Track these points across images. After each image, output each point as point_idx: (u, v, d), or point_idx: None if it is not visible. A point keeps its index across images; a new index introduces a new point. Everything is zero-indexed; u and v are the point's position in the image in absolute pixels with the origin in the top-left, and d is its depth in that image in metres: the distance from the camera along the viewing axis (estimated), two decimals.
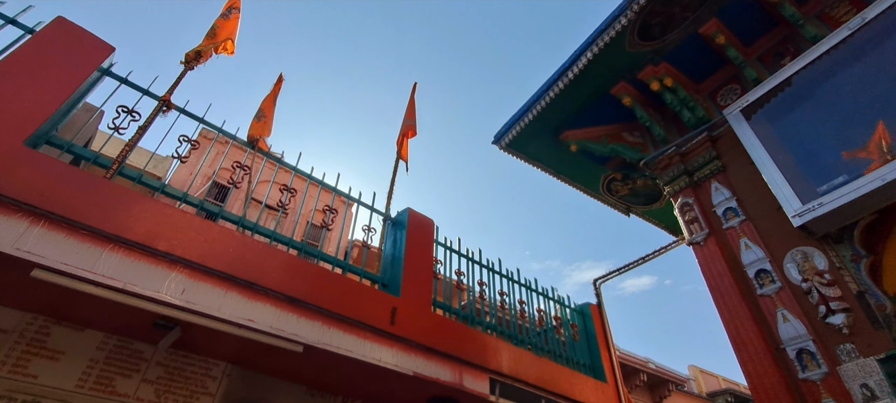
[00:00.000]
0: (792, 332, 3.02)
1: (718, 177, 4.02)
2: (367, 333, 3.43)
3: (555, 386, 4.12)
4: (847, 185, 3.05)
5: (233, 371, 3.75)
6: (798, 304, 3.08)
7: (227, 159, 9.69)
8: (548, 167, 5.58)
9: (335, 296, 3.44)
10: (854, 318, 2.85)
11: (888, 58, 3.45)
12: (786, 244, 3.30)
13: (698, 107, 4.44)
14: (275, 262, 3.35)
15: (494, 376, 3.83)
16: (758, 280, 3.34)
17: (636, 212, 5.90)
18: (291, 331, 3.18)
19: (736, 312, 3.33)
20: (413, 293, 3.83)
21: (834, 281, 2.98)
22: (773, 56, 4.31)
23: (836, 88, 3.66)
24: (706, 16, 4.32)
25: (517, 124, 5.25)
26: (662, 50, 4.58)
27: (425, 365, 3.51)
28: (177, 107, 3.92)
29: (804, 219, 3.13)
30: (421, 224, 4.41)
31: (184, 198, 3.63)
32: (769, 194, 3.47)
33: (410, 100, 5.92)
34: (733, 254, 3.59)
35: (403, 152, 5.53)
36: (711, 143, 4.20)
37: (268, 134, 4.65)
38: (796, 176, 3.42)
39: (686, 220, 4.02)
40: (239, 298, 3.10)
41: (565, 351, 4.76)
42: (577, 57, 4.61)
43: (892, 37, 3.43)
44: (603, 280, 5.48)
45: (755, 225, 3.56)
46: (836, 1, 4.10)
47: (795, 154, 3.59)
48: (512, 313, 4.50)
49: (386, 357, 3.38)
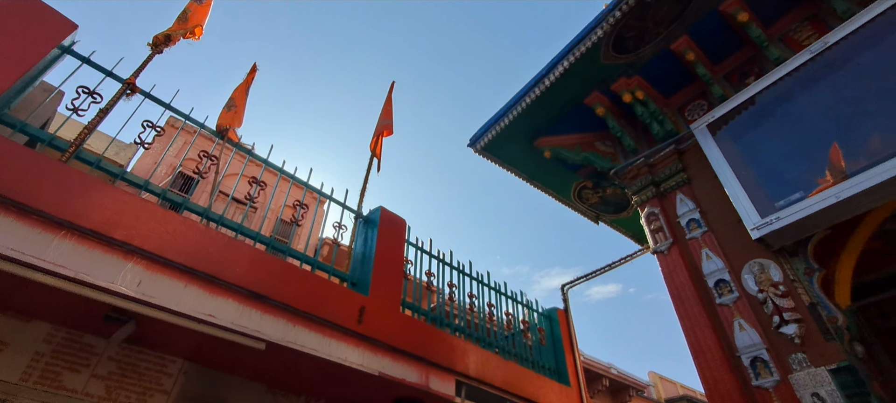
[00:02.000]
0: (747, 341, 3.13)
1: (684, 189, 4.14)
2: (333, 332, 3.37)
3: (520, 389, 4.14)
4: (803, 201, 3.19)
5: (190, 368, 3.62)
6: (754, 314, 3.20)
7: (193, 149, 9.40)
8: (522, 172, 5.64)
9: (302, 293, 3.37)
10: (806, 329, 2.98)
11: (845, 83, 3.63)
12: (744, 255, 3.43)
13: (667, 121, 4.58)
14: (240, 256, 3.25)
15: (461, 378, 3.82)
16: (717, 289, 3.46)
17: (605, 220, 6.03)
18: (254, 328, 3.09)
19: (696, 320, 3.43)
20: (382, 292, 3.79)
21: (788, 292, 3.10)
22: (739, 75, 4.48)
23: (796, 109, 3.83)
24: (678, 32, 4.45)
25: (493, 128, 5.28)
26: (636, 63, 4.70)
27: (391, 366, 3.47)
28: (142, 92, 3.77)
29: (762, 232, 3.26)
30: (393, 223, 4.38)
31: (145, 185, 3.49)
32: (730, 207, 3.59)
33: (387, 98, 5.88)
34: (695, 264, 3.70)
35: (378, 151, 5.48)
36: (678, 156, 4.33)
37: (238, 124, 4.53)
38: (756, 190, 3.56)
39: (651, 229, 4.13)
40: (199, 292, 3.00)
41: (532, 355, 4.81)
42: (554, 65, 4.68)
43: (850, 63, 3.61)
44: (571, 285, 5.56)
45: (716, 236, 3.69)
46: (799, 25, 4.30)
47: (756, 169, 3.73)
48: (481, 316, 4.51)
49: (352, 356, 3.33)
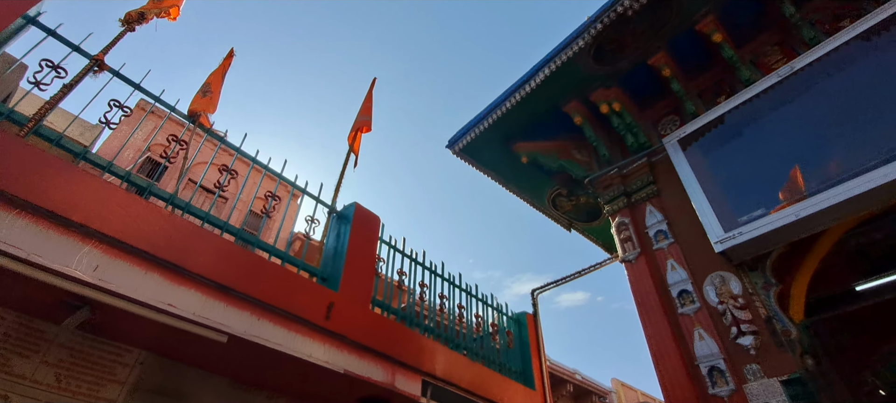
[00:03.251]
0: (706, 350, 3.23)
1: (653, 201, 4.25)
2: (299, 327, 3.31)
3: (486, 391, 4.16)
4: (764, 218, 3.31)
5: (148, 358, 3.49)
6: (713, 325, 3.30)
7: (163, 133, 9.13)
8: (498, 176, 5.67)
9: (269, 287, 3.30)
10: (762, 341, 3.09)
11: (808, 108, 3.79)
12: (707, 267, 3.54)
13: (641, 133, 4.69)
14: (205, 246, 3.17)
15: (427, 378, 3.81)
16: (680, 299, 3.56)
17: (577, 228, 6.13)
18: (217, 320, 3.01)
19: (658, 328, 3.52)
20: (352, 289, 3.75)
21: (746, 305, 3.22)
22: (711, 93, 4.62)
23: (762, 129, 3.98)
24: (656, 48, 4.57)
25: (472, 130, 5.30)
26: (614, 75, 4.80)
27: (358, 364, 3.43)
28: (110, 69, 3.64)
29: (725, 246, 3.37)
30: (367, 219, 4.34)
31: (108, 167, 3.36)
32: (697, 220, 3.71)
33: (368, 94, 5.83)
34: (660, 274, 3.80)
35: (355, 146, 5.43)
36: (650, 168, 4.44)
37: (212, 110, 4.41)
38: (722, 205, 3.68)
39: (621, 239, 4.22)
40: (160, 280, 2.90)
41: (499, 358, 4.84)
42: (536, 71, 4.73)
43: (813, 89, 3.77)
44: (541, 290, 5.64)
45: (682, 247, 3.80)
46: (770, 49, 4.47)
47: (723, 185, 3.86)
48: (451, 317, 4.52)
49: (317, 352, 3.28)
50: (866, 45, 3.54)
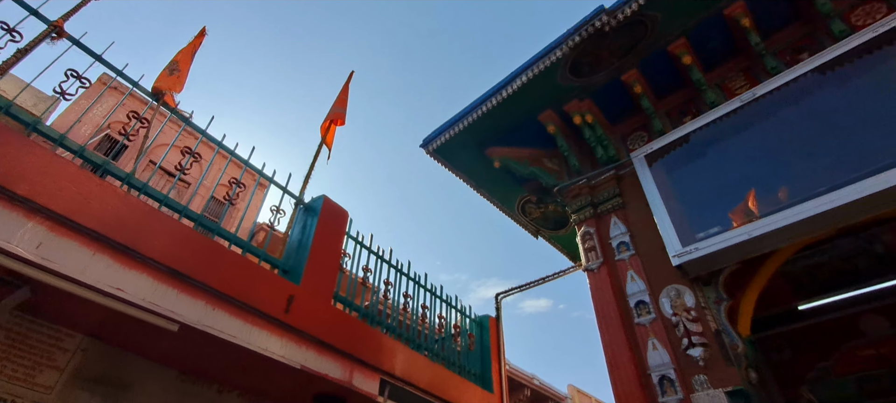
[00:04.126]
0: (658, 360, 3.34)
1: (618, 213, 4.36)
2: (256, 319, 3.22)
3: (444, 392, 4.16)
4: (719, 236, 3.45)
5: (90, 344, 3.32)
6: (667, 335, 3.42)
7: (124, 110, 8.74)
8: (470, 179, 5.70)
9: (227, 276, 3.19)
10: (710, 353, 3.22)
11: (766, 133, 3.97)
12: (664, 280, 3.66)
13: (610, 147, 4.81)
14: (161, 229, 3.04)
15: (386, 377, 3.78)
16: (637, 310, 3.67)
17: (544, 235, 6.23)
18: (168, 307, 2.89)
19: (615, 337, 3.62)
20: (315, 283, 3.67)
21: (698, 318, 3.35)
22: (678, 112, 4.79)
23: (724, 150, 4.15)
24: (629, 65, 4.69)
25: (447, 131, 5.30)
26: (589, 88, 4.90)
27: (315, 360, 3.36)
28: (70, 37, 3.46)
29: (681, 260, 3.50)
30: (335, 213, 4.27)
31: (60, 140, 3.18)
32: (657, 234, 3.83)
33: (344, 87, 5.75)
34: (620, 284, 3.91)
35: (328, 138, 5.34)
36: (617, 181, 4.56)
37: (178, 89, 4.24)
38: (681, 221, 3.81)
39: (585, 248, 4.31)
40: (109, 262, 2.76)
41: (460, 360, 4.85)
42: (514, 78, 4.78)
43: (772, 116, 3.96)
44: (504, 295, 5.69)
45: (642, 260, 3.91)
46: (735, 74, 4.67)
47: (684, 201, 4.00)
48: (414, 317, 4.50)
49: (274, 346, 3.19)
50: (822, 79, 3.75)
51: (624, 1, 4.16)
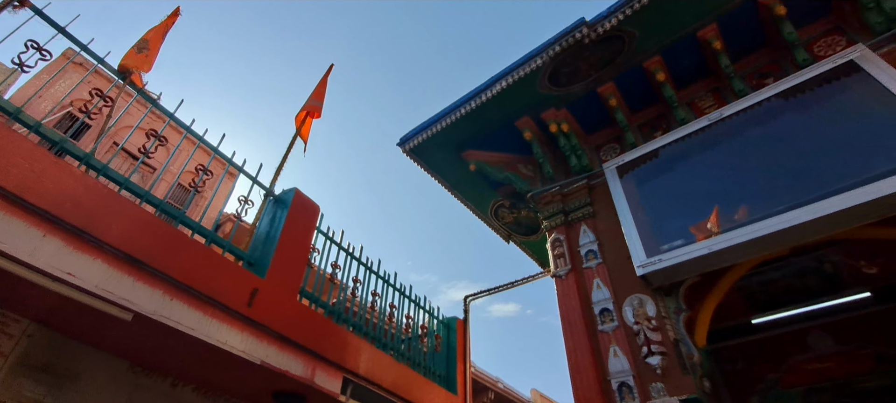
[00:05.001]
0: (619, 367, 3.42)
1: (588, 222, 4.45)
2: (217, 311, 3.12)
3: (407, 393, 4.14)
4: (682, 248, 3.56)
5: (37, 331, 3.15)
6: (628, 343, 3.50)
7: (87, 86, 8.40)
8: (445, 180, 5.70)
9: (188, 265, 3.09)
10: (668, 361, 3.31)
11: (731, 153, 4.12)
12: (628, 289, 3.75)
13: (584, 156, 4.91)
14: (120, 213, 2.91)
15: (349, 375, 3.73)
16: (601, 317, 3.75)
17: (515, 240, 6.29)
18: (122, 295, 2.77)
19: (578, 343, 3.69)
20: (280, 277, 3.59)
21: (658, 327, 3.44)
22: (650, 127, 4.92)
23: (691, 167, 4.29)
24: (606, 78, 4.79)
25: (425, 131, 5.29)
26: (566, 97, 4.98)
27: (277, 356, 3.28)
28: (32, 6, 3.30)
29: (646, 270, 3.59)
30: (305, 207, 4.19)
31: (16, 114, 3.01)
32: (624, 244, 3.92)
33: (323, 79, 5.67)
34: (586, 291, 3.98)
35: (304, 131, 5.25)
36: (588, 191, 4.65)
37: (147, 69, 4.08)
38: (647, 232, 3.92)
39: (555, 254, 4.38)
40: (61, 245, 2.63)
41: (425, 361, 4.84)
42: (494, 82, 4.80)
43: (737, 136, 4.11)
44: (473, 297, 5.72)
45: (608, 268, 4.00)
46: (704, 94, 4.83)
47: (651, 214, 4.11)
48: (381, 316, 4.46)
49: (234, 340, 3.10)
50: (784, 104, 3.93)
51: (605, 15, 4.24)
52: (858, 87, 3.55)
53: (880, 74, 3.41)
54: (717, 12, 4.20)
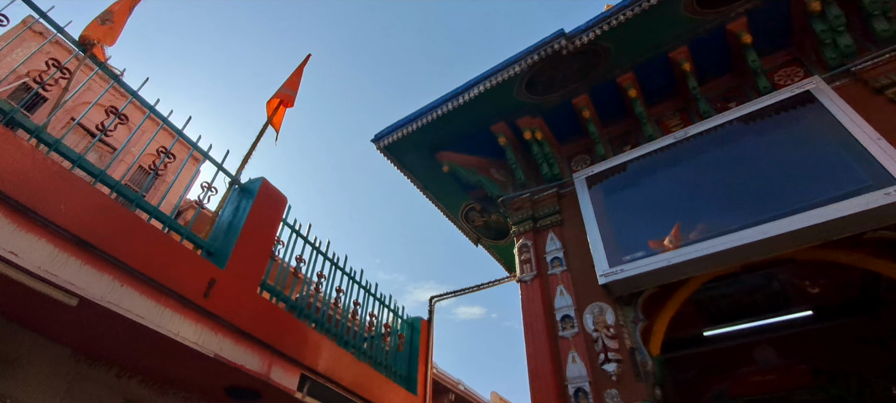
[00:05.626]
0: (576, 372, 3.50)
1: (556, 229, 4.53)
2: (170, 300, 3.00)
3: (366, 392, 4.10)
4: (643, 260, 3.68)
5: None
6: (586, 350, 3.59)
7: (44, 56, 7.95)
8: (418, 180, 5.69)
9: (142, 251, 2.96)
10: (623, 369, 3.41)
11: (693, 171, 4.29)
12: (590, 297, 3.85)
13: (555, 165, 5.00)
14: (71, 192, 2.76)
15: (307, 372, 3.65)
16: (562, 323, 3.83)
17: (484, 244, 6.35)
18: (68, 279, 2.63)
19: (539, 348, 3.75)
20: (241, 268, 3.49)
21: (616, 335, 3.54)
22: (620, 141, 5.06)
23: (656, 182, 4.42)
24: (581, 90, 4.90)
25: (401, 129, 5.26)
26: (542, 106, 5.06)
27: (232, 349, 3.18)
28: None
29: (607, 280, 3.69)
30: (273, 198, 4.09)
31: None
32: (588, 253, 4.01)
33: (299, 69, 5.56)
34: (550, 298, 4.06)
35: (276, 119, 5.13)
36: (557, 199, 4.74)
37: (110, 42, 3.89)
38: (612, 243, 4.02)
39: (521, 259, 4.44)
40: (3, 222, 2.47)
41: (387, 360, 4.81)
42: (471, 86, 4.83)
43: (700, 155, 4.27)
44: (439, 298, 5.73)
45: (572, 276, 4.09)
46: (672, 113, 5.00)
47: (616, 225, 4.22)
48: (344, 312, 4.40)
49: (187, 332, 2.99)
50: (744, 128, 4.11)
51: (583, 28, 4.33)
52: (812, 117, 3.75)
53: (832, 106, 3.62)
54: (689, 36, 4.36)
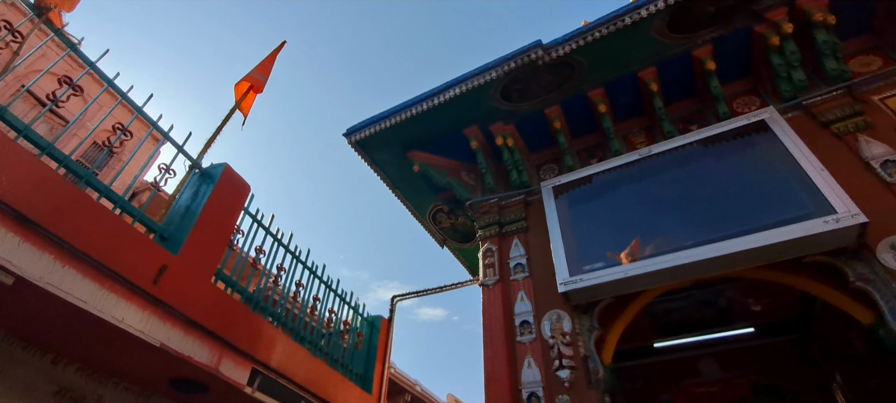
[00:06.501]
0: (531, 378, 3.57)
1: (521, 236, 4.60)
2: (116, 285, 2.86)
3: (320, 389, 4.03)
4: (601, 271, 3.78)
5: None
6: (543, 355, 3.66)
7: None
8: (388, 178, 5.66)
9: (89, 231, 2.80)
10: (576, 376, 3.50)
11: (654, 188, 4.44)
12: (549, 304, 3.93)
13: (524, 173, 5.07)
14: (13, 163, 2.59)
15: (259, 367, 3.56)
16: (520, 329, 3.89)
17: (450, 246, 6.37)
18: (3, 256, 2.46)
19: (497, 352, 3.79)
20: (196, 256, 3.36)
21: (572, 342, 3.63)
22: (587, 154, 5.19)
23: (619, 196, 4.56)
24: (553, 101, 4.99)
25: (374, 125, 5.22)
26: (515, 113, 5.12)
27: (180, 339, 3.06)
28: None
29: (567, 288, 3.77)
30: (235, 185, 3.96)
31: None
32: (551, 261, 4.09)
33: (272, 55, 5.42)
34: (511, 303, 4.11)
35: (245, 104, 4.98)
36: (524, 206, 4.82)
37: (68, 7, 3.67)
38: (574, 253, 4.11)
39: (485, 263, 4.48)
40: None
41: (344, 357, 4.74)
42: (447, 87, 4.84)
43: (662, 174, 4.43)
44: (401, 298, 5.71)
45: (534, 283, 4.16)
46: (638, 130, 5.17)
47: (579, 235, 4.32)
48: (303, 307, 4.31)
49: (132, 319, 2.85)
50: (703, 150, 4.30)
51: (560, 41, 4.42)
52: (765, 144, 3.96)
53: (783, 136, 3.84)
54: (657, 58, 4.53)
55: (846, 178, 3.34)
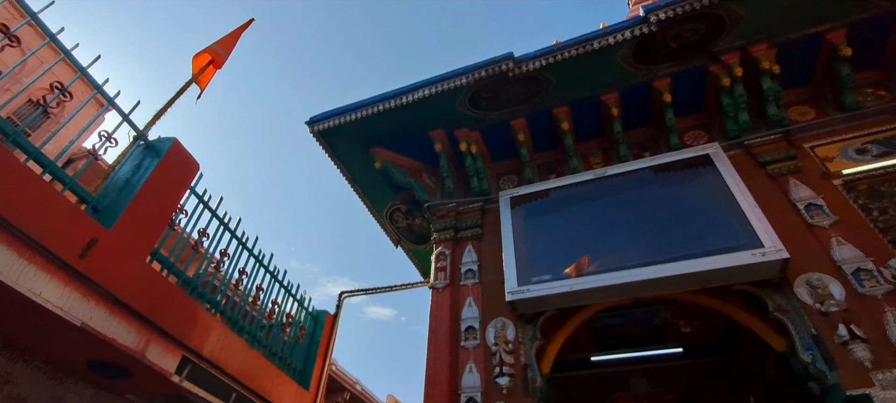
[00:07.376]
0: (471, 382, 3.61)
1: (475, 242, 4.66)
2: (36, 256, 2.64)
3: (253, 382, 3.89)
4: (548, 283, 3.89)
5: None
6: (484, 362, 3.72)
7: None
8: (348, 172, 5.58)
9: (10, 194, 2.58)
10: (514, 383, 3.57)
11: (606, 208, 4.61)
12: (496, 312, 3.99)
13: (484, 181, 5.14)
14: None
15: (190, 354, 3.39)
16: (466, 334, 3.93)
17: (404, 246, 6.36)
18: None
19: (440, 354, 3.81)
20: (130, 232, 3.16)
21: (514, 351, 3.71)
22: (547, 169, 5.33)
23: (573, 212, 4.70)
24: (520, 113, 5.09)
25: (339, 117, 5.12)
26: (481, 121, 5.18)
27: (104, 320, 2.86)
28: None
29: (514, 298, 3.85)
30: (182, 161, 3.77)
31: None
32: (501, 269, 4.17)
33: (237, 31, 5.23)
34: (458, 308, 4.15)
35: (202, 78, 4.75)
36: (481, 213, 4.88)
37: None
38: (524, 263, 4.20)
39: (437, 266, 4.50)
40: None
41: (283, 351, 4.61)
42: (416, 88, 4.83)
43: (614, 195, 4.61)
44: (349, 295, 5.63)
45: (483, 290, 4.22)
46: (596, 151, 5.36)
47: (531, 247, 4.42)
48: (245, 296, 4.16)
49: (50, 293, 2.64)
50: (653, 176, 4.51)
51: (531, 57, 4.51)
52: (708, 177, 4.21)
53: (724, 171, 4.09)
54: (621, 85, 4.72)
55: (775, 216, 3.61)
